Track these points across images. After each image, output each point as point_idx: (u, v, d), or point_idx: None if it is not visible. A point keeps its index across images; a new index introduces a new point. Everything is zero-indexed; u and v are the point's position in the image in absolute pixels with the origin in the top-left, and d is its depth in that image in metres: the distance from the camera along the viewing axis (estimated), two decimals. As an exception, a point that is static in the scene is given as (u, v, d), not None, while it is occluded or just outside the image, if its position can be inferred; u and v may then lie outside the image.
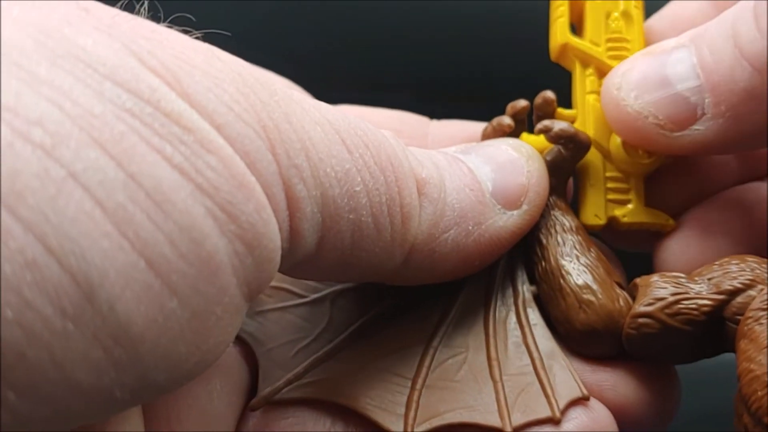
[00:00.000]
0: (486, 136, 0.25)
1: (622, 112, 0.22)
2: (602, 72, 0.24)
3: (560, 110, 0.24)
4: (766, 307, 0.19)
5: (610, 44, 0.25)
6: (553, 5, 0.26)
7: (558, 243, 0.23)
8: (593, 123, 0.24)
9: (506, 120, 0.24)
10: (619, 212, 0.24)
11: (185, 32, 0.17)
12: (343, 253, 0.19)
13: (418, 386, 0.21)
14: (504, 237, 0.21)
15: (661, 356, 0.21)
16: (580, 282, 0.22)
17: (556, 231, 0.23)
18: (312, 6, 0.34)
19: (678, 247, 0.23)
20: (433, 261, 0.20)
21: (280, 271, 0.19)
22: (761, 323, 0.19)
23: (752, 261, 0.21)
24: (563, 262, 0.22)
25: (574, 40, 0.25)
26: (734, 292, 0.20)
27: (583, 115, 0.24)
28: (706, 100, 0.21)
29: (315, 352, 0.22)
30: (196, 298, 0.15)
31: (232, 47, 0.20)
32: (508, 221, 0.21)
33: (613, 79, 0.23)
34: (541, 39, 0.26)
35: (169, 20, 0.18)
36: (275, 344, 0.22)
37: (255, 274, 0.16)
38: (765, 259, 0.21)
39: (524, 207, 0.22)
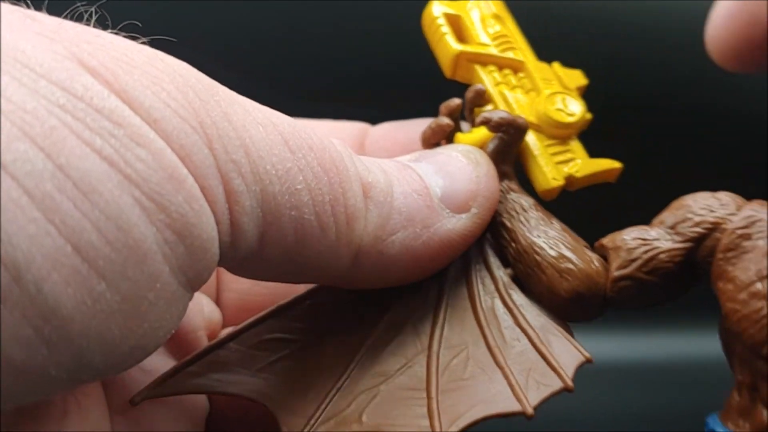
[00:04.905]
0: (426, 138, 0.25)
1: None
2: (501, 66, 0.26)
3: (477, 109, 0.25)
4: (733, 246, 0.21)
5: (497, 42, 0.27)
6: (431, 27, 0.27)
7: (522, 223, 0.24)
8: (514, 108, 0.25)
9: (445, 120, 0.25)
10: (571, 169, 0.25)
11: (132, 38, 0.18)
12: (288, 250, 0.19)
13: (433, 394, 0.22)
14: (454, 239, 0.22)
15: (647, 305, 0.23)
16: (554, 253, 0.23)
17: (517, 212, 0.24)
18: (248, 16, 0.33)
19: None
20: (383, 263, 0.21)
21: (228, 269, 0.20)
22: (732, 263, 0.21)
23: (707, 200, 0.22)
24: (533, 239, 0.23)
25: (469, 47, 0.26)
26: (700, 238, 0.22)
27: (501, 105, 0.26)
28: None
29: (326, 391, 0.22)
30: (125, 282, 0.16)
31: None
32: (457, 224, 0.22)
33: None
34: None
35: (118, 27, 0.19)
36: (286, 394, 0.22)
37: (189, 263, 0.17)
38: (719, 194, 0.22)
39: (473, 210, 0.23)
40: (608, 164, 0.25)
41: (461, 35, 0.27)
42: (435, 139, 0.25)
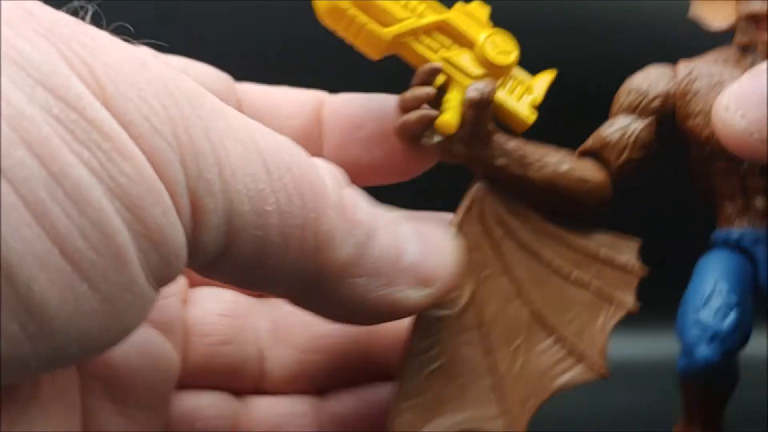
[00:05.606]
0: (410, 103, 0.26)
1: (731, 130, 0.25)
2: (429, 33, 0.27)
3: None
4: (687, 90, 0.28)
5: (409, 9, 0.27)
6: (344, 18, 0.26)
7: (530, 164, 0.26)
8: (466, 70, 0.27)
9: (435, 112, 0.26)
10: (532, 99, 0.28)
11: (126, 40, 0.19)
12: (248, 264, 0.20)
13: (566, 336, 0.26)
14: (403, 309, 0.23)
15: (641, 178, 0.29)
16: (576, 176, 0.27)
17: (522, 156, 0.26)
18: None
19: None
20: (335, 299, 0.22)
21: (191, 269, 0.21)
22: (694, 101, 0.28)
23: (647, 77, 0.28)
24: (551, 171, 0.26)
25: (398, 27, 0.27)
26: (659, 109, 0.28)
27: (452, 72, 0.27)
28: None
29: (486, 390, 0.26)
30: (106, 284, 0.17)
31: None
32: (412, 295, 0.23)
33: (721, 99, 0.25)
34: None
35: (111, 27, 0.19)
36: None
37: (161, 269, 0.18)
38: (647, 69, 0.29)
39: (432, 289, 0.23)
40: (550, 76, 0.28)
41: (374, 17, 0.26)
42: (417, 104, 0.26)
